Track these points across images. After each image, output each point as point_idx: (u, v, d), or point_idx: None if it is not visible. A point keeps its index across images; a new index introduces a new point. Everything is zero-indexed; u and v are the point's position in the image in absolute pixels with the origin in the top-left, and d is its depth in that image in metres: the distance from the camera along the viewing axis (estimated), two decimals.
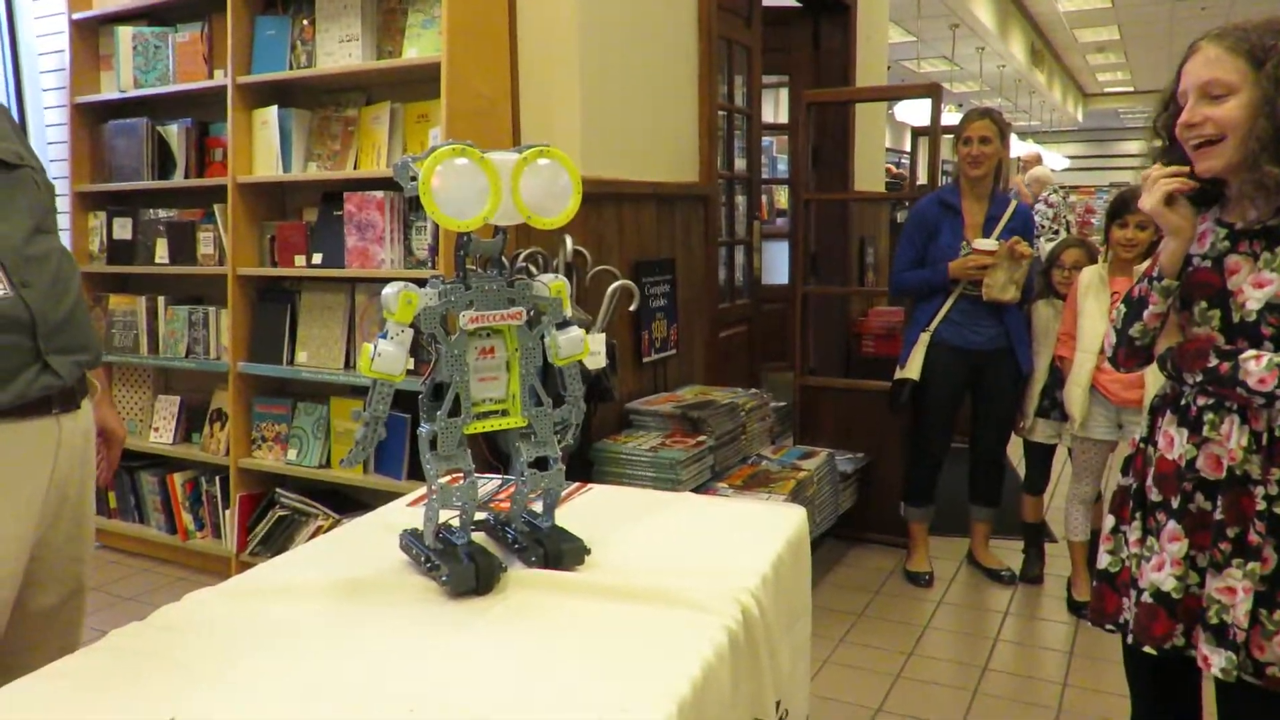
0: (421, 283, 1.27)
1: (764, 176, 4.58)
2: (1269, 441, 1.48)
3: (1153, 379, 2.81)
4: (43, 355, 1.53)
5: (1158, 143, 1.61)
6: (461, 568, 1.23)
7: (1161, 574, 1.58)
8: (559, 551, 1.31)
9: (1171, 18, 11.64)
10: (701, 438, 2.97)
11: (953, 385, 3.31)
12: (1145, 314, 1.59)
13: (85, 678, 1.05)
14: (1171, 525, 1.57)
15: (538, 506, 1.39)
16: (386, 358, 1.23)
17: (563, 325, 1.34)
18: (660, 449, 2.85)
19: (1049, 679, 2.74)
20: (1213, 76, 1.45)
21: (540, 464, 1.35)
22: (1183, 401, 1.59)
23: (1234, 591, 1.49)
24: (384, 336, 1.24)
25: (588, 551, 1.33)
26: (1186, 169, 1.51)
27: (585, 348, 1.36)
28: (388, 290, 1.23)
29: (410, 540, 1.35)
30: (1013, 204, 3.31)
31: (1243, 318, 1.50)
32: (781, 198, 5.03)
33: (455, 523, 1.30)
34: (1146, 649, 1.59)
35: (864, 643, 2.96)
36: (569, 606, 1.21)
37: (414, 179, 1.20)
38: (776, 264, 4.85)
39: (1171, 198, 1.52)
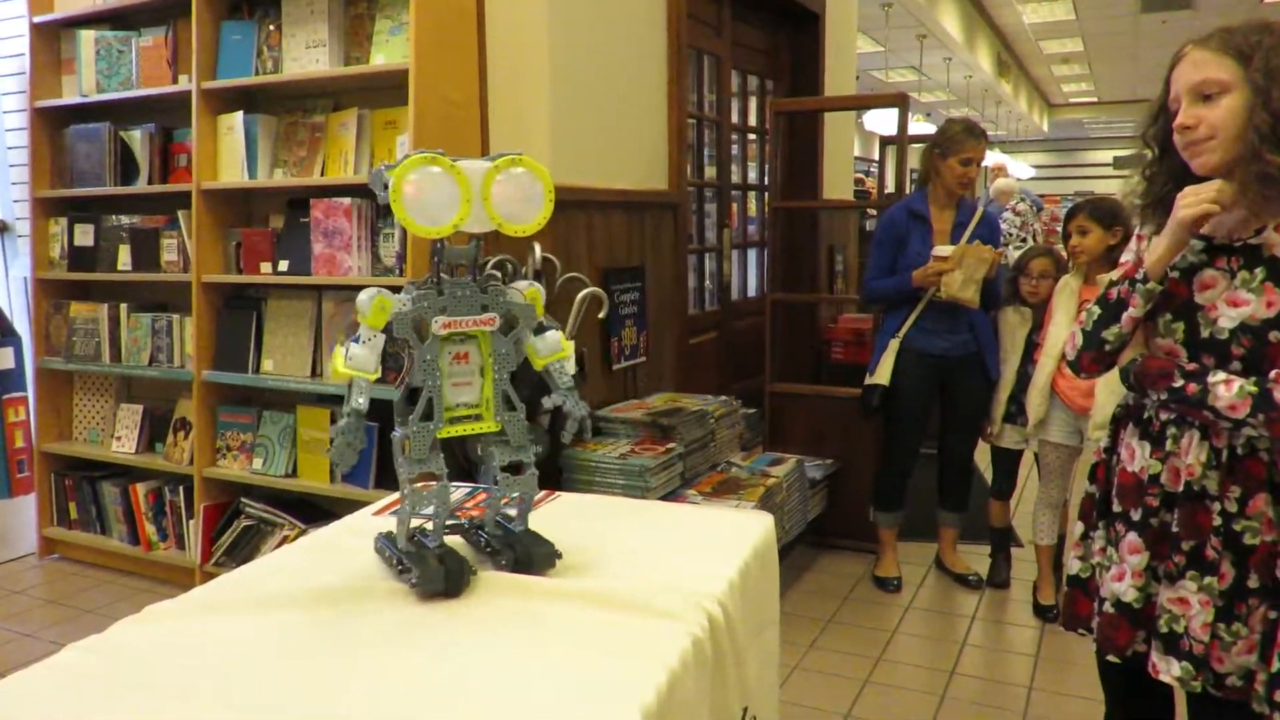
0: (396, 290, 1.27)
1: (736, 183, 4.59)
2: (1229, 458, 1.49)
3: (1103, 390, 2.85)
4: None
5: (1148, 153, 1.59)
6: (431, 570, 1.23)
7: (1122, 585, 1.59)
8: (529, 556, 1.32)
9: (1134, 31, 11.85)
10: (671, 445, 2.97)
11: (922, 391, 3.34)
12: (1123, 317, 1.56)
13: (40, 693, 1.03)
14: (1131, 537, 1.59)
15: (513, 511, 1.39)
16: (359, 359, 1.24)
17: (539, 330, 1.35)
18: (629, 456, 2.84)
19: (1015, 683, 2.76)
20: (1204, 76, 1.45)
21: (513, 469, 1.35)
22: (1145, 415, 1.60)
23: (1186, 603, 1.50)
24: (356, 340, 1.25)
25: (559, 556, 1.34)
26: (1222, 192, 1.45)
27: (565, 348, 1.37)
28: (363, 295, 1.24)
29: (384, 543, 1.36)
30: (979, 210, 3.35)
31: (1213, 334, 1.49)
32: (752, 205, 5.06)
33: (428, 527, 1.31)
34: (1110, 658, 1.61)
35: (833, 648, 2.97)
36: (536, 614, 1.20)
37: (386, 188, 1.20)
38: (747, 276, 4.86)
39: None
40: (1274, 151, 1.40)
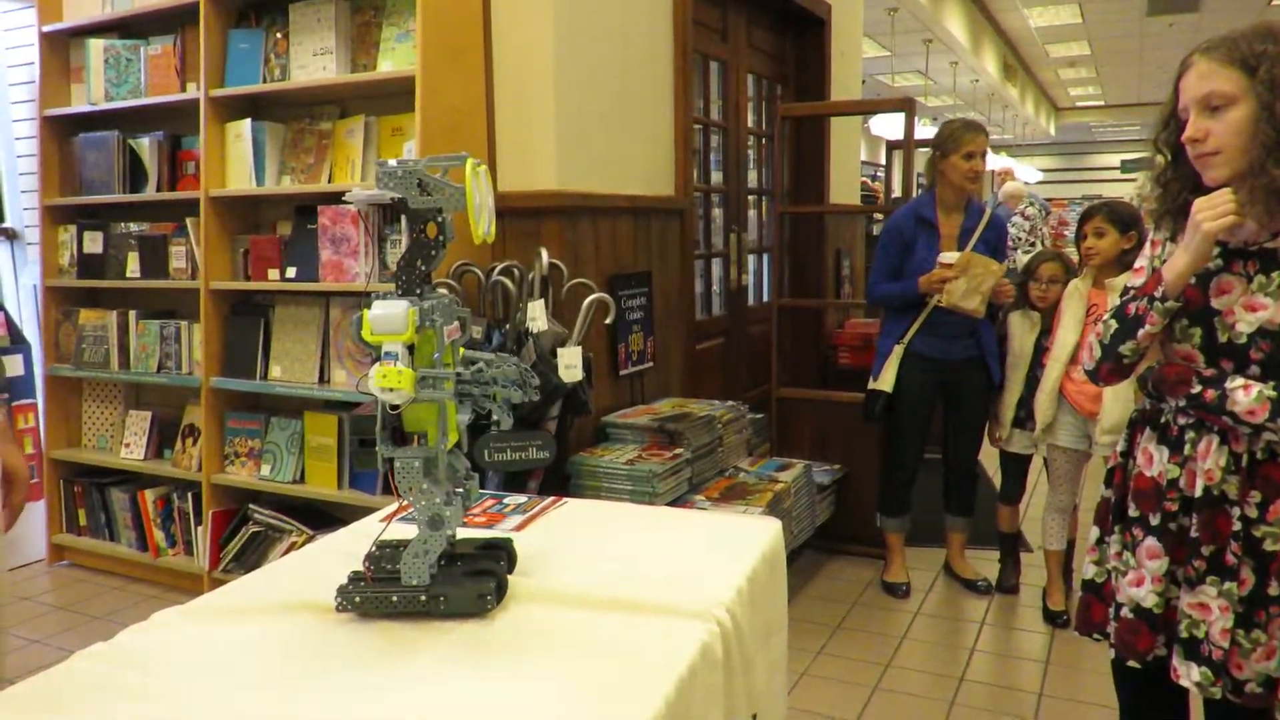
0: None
1: (750, 188, 4.59)
2: (1249, 463, 1.48)
3: (1109, 395, 2.84)
4: None
5: (1160, 159, 1.59)
6: (485, 584, 1.21)
7: (1141, 590, 1.58)
8: (511, 554, 1.32)
9: (1141, 34, 11.82)
10: (678, 450, 2.96)
11: (925, 397, 3.33)
12: (1140, 333, 1.55)
13: (47, 701, 1.03)
14: (1150, 542, 1.58)
15: (517, 519, 1.38)
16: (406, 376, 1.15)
17: None
18: (637, 462, 2.84)
19: (1025, 689, 2.75)
20: (1210, 89, 1.44)
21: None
22: (1163, 420, 1.59)
23: (1207, 608, 1.50)
24: (394, 358, 1.15)
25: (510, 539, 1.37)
26: (1237, 200, 1.45)
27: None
28: (392, 310, 1.16)
29: (369, 595, 1.21)
30: (987, 214, 3.33)
31: (1231, 339, 1.48)
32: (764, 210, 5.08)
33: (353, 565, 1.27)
34: (1131, 663, 1.60)
35: (841, 655, 2.96)
36: (544, 621, 1.20)
37: (435, 189, 1.19)
38: (763, 281, 4.86)
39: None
40: (1278, 166, 1.40)
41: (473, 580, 1.21)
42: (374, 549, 1.25)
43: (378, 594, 1.21)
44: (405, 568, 1.21)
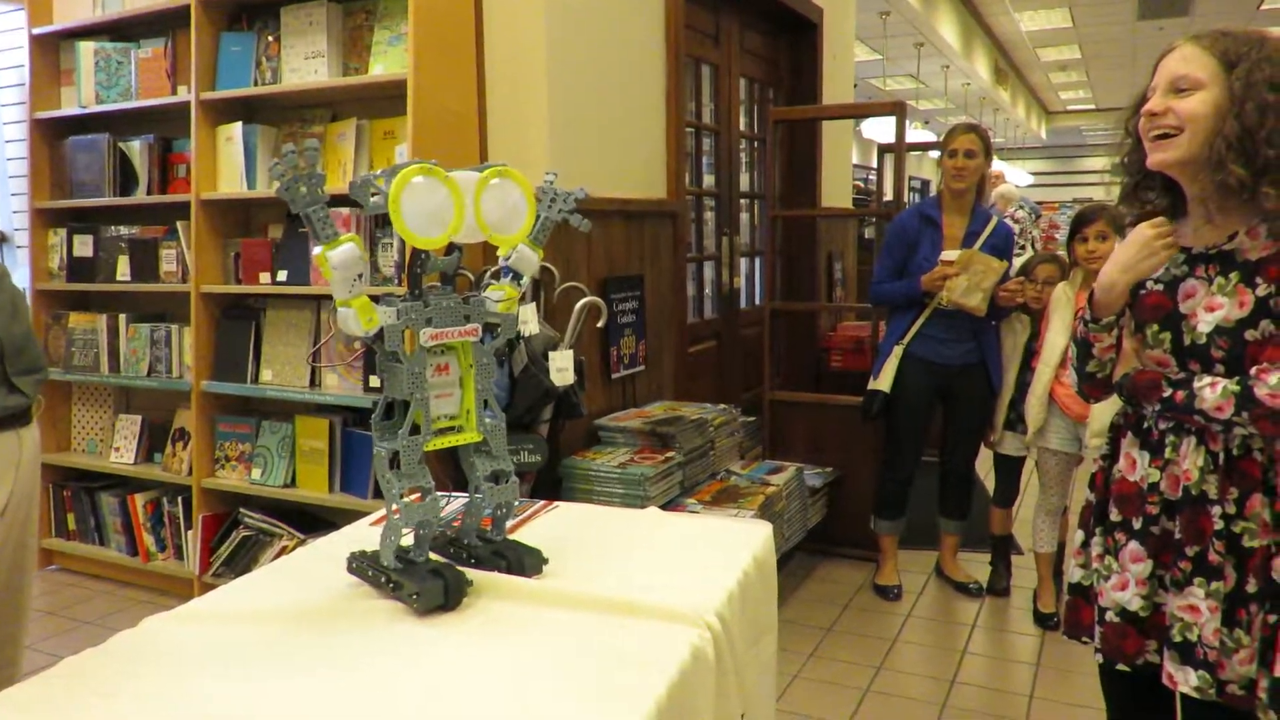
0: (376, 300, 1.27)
1: (740, 192, 4.60)
2: (1226, 461, 1.50)
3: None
4: (9, 377, 1.60)
5: (1129, 141, 1.61)
6: (430, 585, 1.22)
7: (1125, 594, 1.59)
8: (520, 562, 1.32)
9: (1131, 37, 11.88)
10: (670, 453, 2.96)
11: (924, 399, 3.33)
12: (1095, 350, 1.61)
13: (37, 706, 1.02)
14: (1133, 546, 1.59)
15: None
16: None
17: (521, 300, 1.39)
18: (629, 465, 2.84)
19: (1016, 691, 2.76)
20: (1184, 72, 1.47)
21: (494, 478, 1.35)
22: (1145, 425, 1.60)
23: (1197, 610, 1.50)
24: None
25: (546, 561, 1.35)
26: (1171, 227, 1.52)
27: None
28: (345, 311, 1.22)
29: (361, 563, 1.33)
30: (994, 219, 3.34)
31: (1194, 340, 1.51)
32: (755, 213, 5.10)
33: (407, 541, 1.30)
34: (1120, 666, 1.61)
35: (833, 657, 2.96)
36: (534, 625, 1.20)
37: (375, 195, 1.20)
38: (755, 284, 4.87)
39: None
40: (1237, 162, 1.42)
41: (431, 578, 1.24)
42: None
43: (367, 563, 1.31)
44: (381, 546, 1.28)
